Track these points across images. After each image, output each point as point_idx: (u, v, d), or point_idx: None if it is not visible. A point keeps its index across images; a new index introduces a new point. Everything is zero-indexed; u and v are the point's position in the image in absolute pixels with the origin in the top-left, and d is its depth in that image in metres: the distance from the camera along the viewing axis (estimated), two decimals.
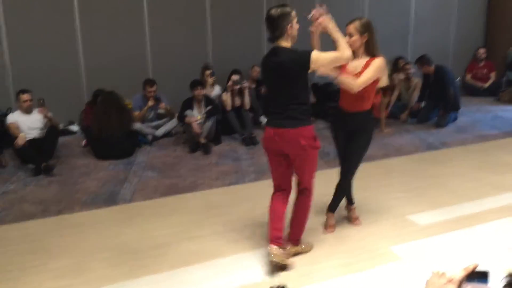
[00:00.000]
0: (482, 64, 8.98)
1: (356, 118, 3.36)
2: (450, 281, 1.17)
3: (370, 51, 3.28)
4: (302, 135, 2.99)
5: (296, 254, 3.27)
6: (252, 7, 7.79)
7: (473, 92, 8.65)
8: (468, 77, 9.02)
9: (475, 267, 1.18)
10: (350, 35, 3.27)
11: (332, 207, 3.66)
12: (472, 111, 7.28)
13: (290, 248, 3.25)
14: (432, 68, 6.88)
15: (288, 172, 3.20)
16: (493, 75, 8.94)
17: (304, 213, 3.26)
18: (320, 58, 2.93)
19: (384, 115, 6.75)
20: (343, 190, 3.62)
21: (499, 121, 7.11)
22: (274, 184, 3.27)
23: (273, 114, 3.08)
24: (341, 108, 3.42)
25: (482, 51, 8.99)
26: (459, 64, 9.18)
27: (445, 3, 9.26)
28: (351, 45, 3.17)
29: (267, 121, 3.18)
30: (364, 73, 3.21)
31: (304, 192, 3.20)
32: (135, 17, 7.15)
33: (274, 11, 2.98)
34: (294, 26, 3.01)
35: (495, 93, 8.70)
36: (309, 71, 2.96)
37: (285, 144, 3.03)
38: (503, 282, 1.06)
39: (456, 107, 6.99)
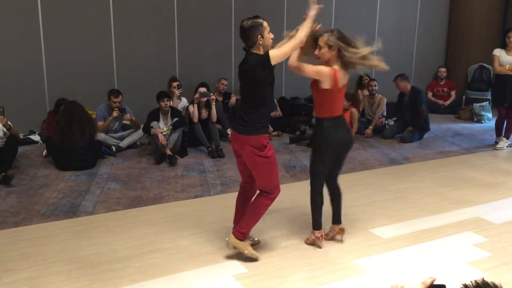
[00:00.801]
0: (442, 82, 9.29)
1: (316, 124, 3.56)
2: None
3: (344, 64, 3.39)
4: (248, 143, 3.19)
5: (235, 248, 3.34)
6: (220, 20, 7.82)
7: (434, 109, 8.92)
8: (430, 95, 9.31)
9: (433, 281, 1.20)
10: (319, 48, 3.39)
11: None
12: (433, 128, 7.49)
13: (230, 239, 3.35)
14: (409, 87, 7.12)
15: (246, 171, 3.36)
16: (453, 94, 9.25)
17: (254, 210, 3.33)
18: (276, 52, 3.14)
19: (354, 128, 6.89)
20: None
21: (458, 138, 7.34)
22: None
23: (236, 117, 3.36)
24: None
25: (442, 70, 9.30)
26: (420, 82, 9.46)
27: (406, 24, 9.55)
28: (320, 57, 3.39)
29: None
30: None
31: (262, 193, 3.32)
32: (101, 27, 7.06)
33: (245, 23, 3.17)
34: (266, 36, 3.18)
35: (455, 111, 9.00)
36: (273, 64, 3.15)
37: (237, 146, 3.27)
38: None
39: (426, 128, 7.22)
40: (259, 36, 3.14)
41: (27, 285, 3.03)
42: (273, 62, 3.13)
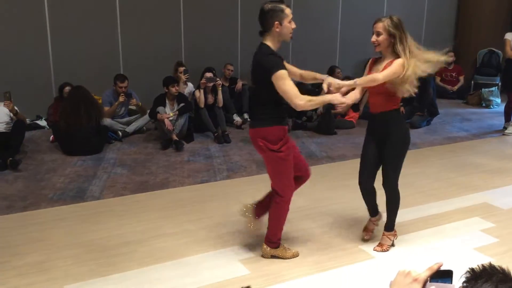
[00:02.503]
0: (451, 67, 9.18)
1: (384, 118, 3.22)
2: (415, 280, 1.18)
3: (396, 52, 3.05)
4: (260, 136, 2.97)
5: (273, 256, 3.22)
6: (226, 5, 7.75)
7: (442, 94, 8.82)
8: (438, 80, 9.21)
9: (439, 266, 1.19)
10: (378, 34, 3.06)
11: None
12: (441, 114, 7.43)
13: (265, 248, 3.22)
14: None
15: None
16: (461, 79, 9.15)
17: (272, 217, 3.16)
18: (280, 82, 2.83)
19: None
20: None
21: (466, 124, 7.28)
22: None
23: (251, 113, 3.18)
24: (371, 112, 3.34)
25: (451, 55, 9.18)
26: None
27: (415, 8, 9.43)
28: (379, 45, 3.08)
29: None
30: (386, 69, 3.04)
31: (274, 195, 3.13)
32: (107, 12, 7.02)
33: (265, 5, 2.92)
34: (284, 25, 2.91)
35: (463, 96, 8.91)
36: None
37: (253, 143, 3.08)
38: (463, 278, 1.08)
39: (435, 112, 7.15)
40: (277, 22, 2.87)
41: (35, 268, 3.05)
42: (273, 82, 2.85)
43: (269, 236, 3.20)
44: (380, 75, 3.02)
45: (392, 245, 3.38)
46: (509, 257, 3.23)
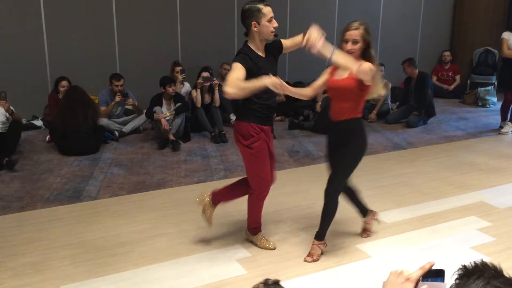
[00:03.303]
0: (447, 67, 9.20)
1: (348, 126, 3.09)
2: (407, 279, 1.19)
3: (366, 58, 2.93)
4: (235, 128, 3.15)
5: (250, 242, 3.39)
6: (223, 4, 7.75)
7: (438, 94, 8.85)
8: (434, 79, 9.23)
9: (431, 266, 1.20)
10: (355, 42, 2.92)
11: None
12: (437, 113, 7.44)
13: (246, 231, 3.43)
14: (416, 72, 7.06)
15: None
16: (458, 78, 9.17)
17: (248, 205, 3.30)
18: (230, 72, 2.87)
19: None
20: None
21: (463, 123, 7.30)
22: None
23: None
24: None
25: (447, 54, 9.21)
26: (425, 66, 9.37)
27: (411, 8, 9.44)
28: (354, 53, 2.91)
29: None
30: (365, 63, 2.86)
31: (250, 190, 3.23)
32: (103, 12, 7.00)
33: (244, 6, 2.94)
34: (263, 24, 2.90)
35: (459, 95, 8.93)
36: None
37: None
38: (455, 275, 1.08)
39: (433, 113, 7.18)
40: (254, 22, 2.88)
41: (31, 269, 3.04)
42: (227, 87, 2.79)
43: (248, 221, 3.38)
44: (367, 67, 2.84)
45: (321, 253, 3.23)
46: (505, 256, 3.25)
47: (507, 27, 7.00)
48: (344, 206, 4.01)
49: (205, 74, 6.36)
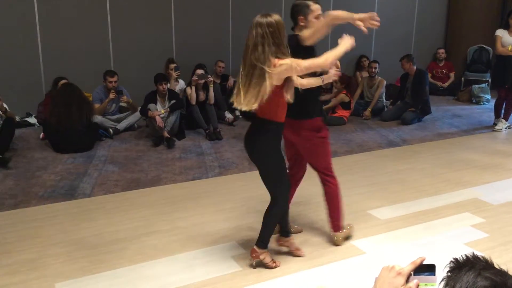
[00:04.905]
0: (442, 64, 9.23)
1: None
2: (399, 274, 1.22)
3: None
4: (306, 127, 3.16)
5: (346, 239, 3.40)
6: (218, 1, 7.72)
7: (432, 91, 8.86)
8: (428, 76, 9.25)
9: (422, 261, 1.23)
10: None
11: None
12: (432, 110, 7.47)
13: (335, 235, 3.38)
14: (414, 68, 7.07)
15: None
16: (452, 75, 9.20)
17: (330, 204, 3.34)
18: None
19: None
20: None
21: (457, 120, 7.33)
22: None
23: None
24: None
25: (441, 51, 9.24)
26: (419, 64, 9.38)
27: (406, 5, 9.46)
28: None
29: None
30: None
31: (324, 182, 3.34)
32: (97, 8, 6.96)
33: (295, 1, 3.09)
34: (309, 20, 3.05)
35: (453, 93, 8.97)
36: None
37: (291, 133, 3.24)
38: (447, 268, 1.10)
39: (428, 110, 7.21)
40: (301, 17, 3.04)
41: (26, 266, 3.03)
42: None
43: (334, 220, 3.34)
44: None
45: (253, 266, 3.05)
46: (499, 252, 3.27)
47: (500, 24, 7.01)
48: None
49: (200, 71, 6.34)
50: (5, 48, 6.48)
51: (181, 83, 6.86)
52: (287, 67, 2.66)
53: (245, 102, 2.72)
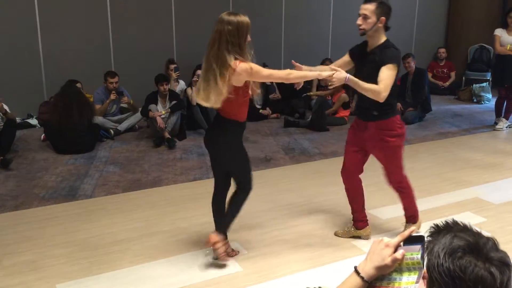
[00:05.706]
0: (442, 63, 9.22)
1: None
2: (387, 246, 1.28)
3: None
4: (379, 127, 3.22)
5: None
6: (218, 2, 7.73)
7: (433, 90, 8.86)
8: (429, 76, 9.25)
9: (411, 232, 1.29)
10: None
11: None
12: (433, 109, 7.47)
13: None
14: (413, 67, 7.09)
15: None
16: (453, 75, 9.19)
17: (407, 197, 3.45)
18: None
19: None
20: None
21: (458, 119, 7.32)
22: None
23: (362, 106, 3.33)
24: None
25: (442, 50, 9.23)
26: (420, 63, 9.40)
27: (407, 4, 9.45)
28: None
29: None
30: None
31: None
32: (97, 9, 6.97)
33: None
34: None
35: (454, 92, 8.96)
36: None
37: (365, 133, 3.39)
38: (428, 233, 1.18)
39: (429, 108, 7.21)
40: (383, 18, 3.03)
41: (27, 267, 3.04)
42: None
43: (409, 212, 3.46)
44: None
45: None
46: None
47: (500, 23, 7.00)
48: (342, 204, 4.02)
49: (200, 72, 6.33)
50: (5, 50, 6.49)
51: (181, 84, 6.86)
52: (246, 72, 2.70)
53: (202, 97, 2.80)
